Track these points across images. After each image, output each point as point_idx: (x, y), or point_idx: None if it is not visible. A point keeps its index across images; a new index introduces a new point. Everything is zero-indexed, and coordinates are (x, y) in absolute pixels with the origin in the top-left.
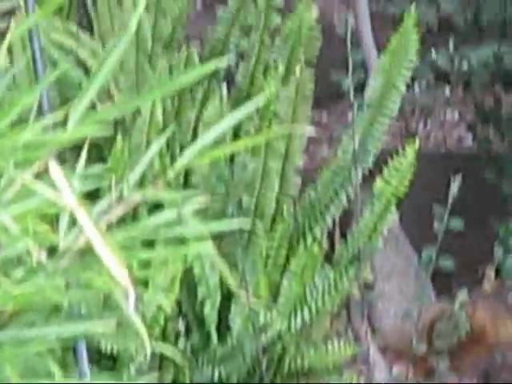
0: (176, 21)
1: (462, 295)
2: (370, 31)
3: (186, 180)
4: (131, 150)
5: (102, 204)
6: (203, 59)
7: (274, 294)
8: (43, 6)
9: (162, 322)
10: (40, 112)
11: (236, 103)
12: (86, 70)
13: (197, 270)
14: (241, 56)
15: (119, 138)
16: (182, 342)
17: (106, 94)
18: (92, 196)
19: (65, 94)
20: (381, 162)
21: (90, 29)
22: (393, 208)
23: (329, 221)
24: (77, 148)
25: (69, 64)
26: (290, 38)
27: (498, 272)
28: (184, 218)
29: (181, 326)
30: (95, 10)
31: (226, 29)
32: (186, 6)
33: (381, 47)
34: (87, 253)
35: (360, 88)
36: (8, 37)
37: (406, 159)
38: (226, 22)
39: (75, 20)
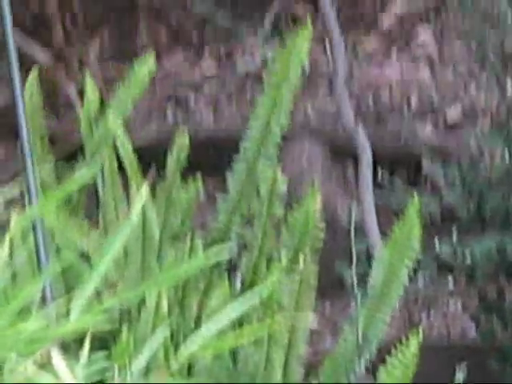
0: (184, 213)
1: None
2: (376, 222)
3: (189, 367)
4: (136, 340)
5: None
6: (206, 248)
7: None
8: (46, 196)
9: None
10: (43, 299)
11: (240, 293)
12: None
13: None
14: (244, 245)
15: (125, 329)
16: None
17: (111, 285)
18: None
19: (69, 282)
20: (384, 352)
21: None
22: None
23: None
24: (81, 337)
25: (72, 254)
26: (295, 230)
27: None
28: None
29: None
30: (103, 199)
31: (227, 218)
32: (194, 198)
33: (385, 239)
34: None
35: (364, 279)
36: (11, 228)
37: (409, 350)
38: (226, 212)
39: (84, 209)
